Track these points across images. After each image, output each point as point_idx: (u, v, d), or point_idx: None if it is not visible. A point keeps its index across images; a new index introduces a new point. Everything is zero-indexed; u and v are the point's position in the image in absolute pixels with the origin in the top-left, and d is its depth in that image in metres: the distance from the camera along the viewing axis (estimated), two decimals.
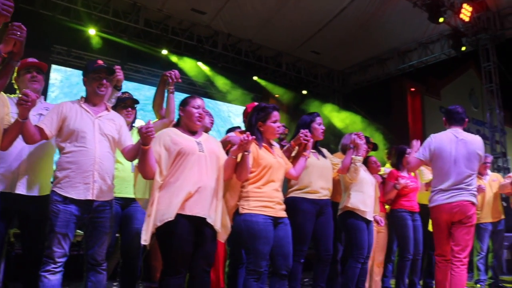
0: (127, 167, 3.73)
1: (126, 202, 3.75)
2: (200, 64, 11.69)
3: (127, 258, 3.80)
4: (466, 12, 10.67)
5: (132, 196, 3.63)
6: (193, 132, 3.22)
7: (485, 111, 12.04)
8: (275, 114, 3.50)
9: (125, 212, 3.76)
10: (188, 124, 3.21)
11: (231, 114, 12.82)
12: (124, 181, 3.71)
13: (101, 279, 3.18)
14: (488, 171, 6.61)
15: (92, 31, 9.91)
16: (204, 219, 2.97)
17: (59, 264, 2.98)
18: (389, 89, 15.44)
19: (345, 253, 4.79)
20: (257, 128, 3.47)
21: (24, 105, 2.77)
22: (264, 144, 3.45)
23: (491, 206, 6.33)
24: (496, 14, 11.30)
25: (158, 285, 2.97)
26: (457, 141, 4.07)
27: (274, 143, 3.69)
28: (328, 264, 4.08)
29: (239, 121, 12.06)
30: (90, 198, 3.06)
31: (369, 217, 4.41)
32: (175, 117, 3.55)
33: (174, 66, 10.95)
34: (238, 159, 3.20)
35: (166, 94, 3.66)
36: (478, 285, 6.17)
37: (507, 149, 11.46)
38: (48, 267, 2.96)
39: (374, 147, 5.20)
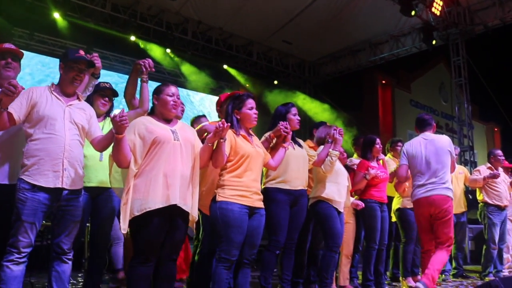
0: (95, 156, 3.67)
1: (95, 192, 3.69)
2: (169, 51, 11.43)
3: (95, 248, 3.76)
4: (437, 6, 10.76)
5: (101, 185, 3.65)
6: (167, 120, 3.20)
7: (454, 105, 12.17)
8: (251, 102, 3.53)
9: (94, 201, 3.71)
10: (163, 112, 3.18)
11: (200, 102, 12.64)
12: (92, 169, 3.65)
13: (66, 269, 3.13)
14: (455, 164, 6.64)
15: (56, 15, 9.55)
16: (178, 207, 2.99)
17: (23, 254, 2.94)
18: (360, 81, 15.57)
19: (313, 244, 4.75)
20: (234, 116, 3.48)
21: (10, 95, 2.75)
22: (242, 133, 3.46)
23: (456, 199, 6.35)
24: (467, 10, 11.42)
25: (127, 273, 2.98)
26: (426, 143, 4.60)
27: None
28: (292, 252, 4.07)
29: (208, 110, 11.93)
30: (59, 186, 3.01)
31: (341, 208, 4.41)
32: (149, 106, 3.54)
33: (143, 52, 10.71)
34: (214, 147, 3.21)
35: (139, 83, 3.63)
36: (443, 275, 6.21)
37: (474, 143, 11.63)
38: (12, 257, 2.91)
39: None
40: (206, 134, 3.62)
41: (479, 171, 6.43)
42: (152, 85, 3.39)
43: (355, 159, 5.45)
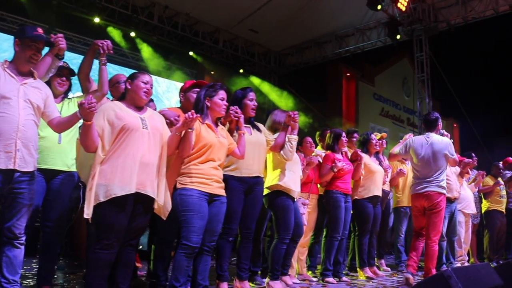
0: (51, 137, 3.57)
1: (51, 174, 3.60)
2: (133, 35, 11.19)
3: (48, 233, 3.64)
4: (403, 2, 10.94)
5: (57, 168, 3.58)
6: (138, 108, 3.19)
7: (416, 100, 12.42)
8: (222, 93, 3.56)
9: (50, 184, 3.61)
10: (135, 98, 3.17)
11: (164, 88, 12.48)
12: (49, 152, 3.56)
13: (18, 254, 3.05)
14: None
15: None
16: (145, 195, 3.01)
17: None
18: (325, 73, 15.69)
19: (270, 232, 4.78)
20: (205, 103, 3.50)
21: None
22: (207, 122, 3.46)
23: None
24: (431, 7, 11.66)
25: (88, 257, 2.96)
26: (426, 145, 5.01)
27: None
28: (249, 241, 4.03)
29: (170, 95, 11.80)
30: (11, 167, 2.92)
31: (296, 196, 4.42)
32: (108, 89, 3.54)
33: (107, 35, 10.46)
34: (182, 136, 3.22)
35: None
36: (399, 266, 6.36)
37: None
38: None
39: None
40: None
41: None
42: (115, 69, 3.31)
43: (320, 151, 5.48)
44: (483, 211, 7.68)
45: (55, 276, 4.41)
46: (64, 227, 3.79)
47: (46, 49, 3.29)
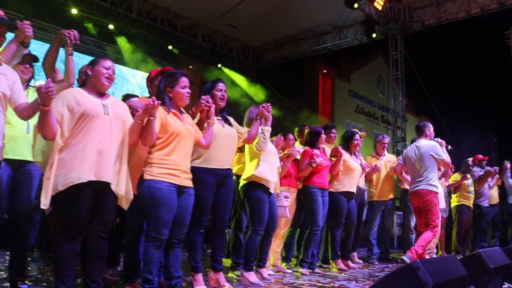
0: (20, 126, 3.48)
1: (18, 164, 3.51)
2: (112, 27, 11.13)
3: (17, 224, 3.56)
4: (379, 1, 11.17)
5: (25, 158, 3.46)
6: (100, 94, 3.08)
7: (390, 98, 12.65)
8: (184, 80, 3.46)
9: (16, 174, 3.51)
10: (96, 84, 3.07)
11: (142, 82, 12.44)
12: (17, 141, 3.48)
13: None
14: (385, 152, 6.95)
15: None
16: (106, 183, 2.90)
17: None
18: (302, 69, 15.82)
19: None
20: (166, 95, 3.41)
21: None
22: (173, 110, 3.38)
23: (384, 185, 6.68)
24: (406, 7, 11.90)
25: (54, 251, 2.86)
26: (416, 149, 5.53)
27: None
28: (224, 234, 4.07)
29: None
30: None
31: (272, 188, 4.45)
32: (75, 80, 3.39)
33: (84, 28, 10.40)
34: (144, 124, 3.12)
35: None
36: (371, 259, 6.51)
37: (407, 135, 12.17)
38: None
39: None
40: (132, 111, 3.44)
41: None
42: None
43: (298, 147, 5.57)
44: (452, 205, 7.94)
45: (29, 268, 4.35)
46: (33, 218, 3.67)
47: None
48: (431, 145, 5.47)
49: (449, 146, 5.85)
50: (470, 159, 8.16)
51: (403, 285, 2.46)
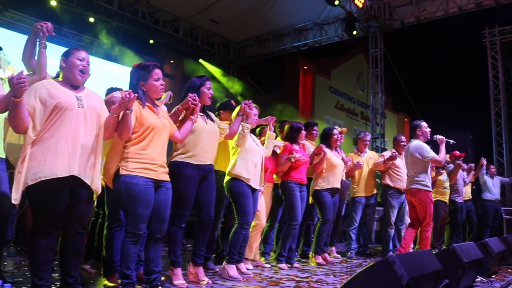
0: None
1: None
2: (92, 20, 11.00)
3: None
4: None
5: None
6: (74, 87, 3.01)
7: (369, 95, 12.78)
8: (157, 72, 3.41)
9: None
10: (69, 76, 3.00)
11: (124, 76, 12.34)
12: None
13: None
14: (367, 149, 7.06)
15: None
16: (80, 179, 2.85)
17: None
18: (283, 65, 15.87)
19: (226, 219, 4.88)
20: (140, 87, 3.36)
21: None
22: (148, 104, 3.35)
23: (366, 182, 6.79)
24: (386, 5, 12.04)
25: (29, 246, 2.82)
26: (407, 150, 5.82)
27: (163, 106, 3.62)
28: (209, 229, 4.07)
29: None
30: None
31: (254, 185, 4.46)
32: (46, 73, 3.31)
33: (63, 19, 10.27)
34: (120, 118, 3.08)
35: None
36: (349, 252, 6.60)
37: (386, 131, 12.32)
38: None
39: None
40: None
41: (383, 156, 6.86)
42: None
43: (279, 142, 5.61)
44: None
45: (5, 263, 4.32)
46: (7, 212, 3.50)
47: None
48: (416, 146, 5.64)
49: (451, 141, 5.98)
50: (447, 155, 8.29)
51: (380, 279, 2.51)
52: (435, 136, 5.68)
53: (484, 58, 12.77)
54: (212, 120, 4.11)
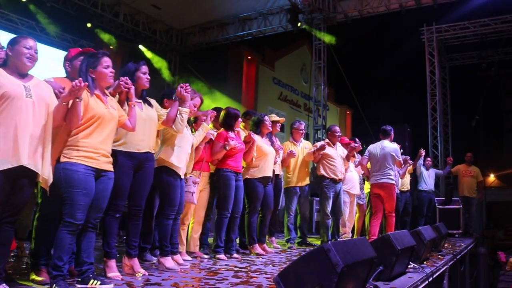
0: None
1: None
2: (25, 0, 10.44)
3: None
4: None
5: None
6: (22, 75, 2.96)
7: (312, 87, 12.90)
8: (106, 60, 3.38)
9: None
10: (17, 64, 2.95)
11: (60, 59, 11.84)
12: None
13: None
14: (302, 139, 7.04)
15: None
16: (26, 168, 2.81)
17: None
18: (227, 54, 15.77)
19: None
20: (89, 76, 3.29)
21: None
22: (96, 93, 3.29)
23: (301, 171, 6.77)
24: None
25: None
26: (381, 148, 6.77)
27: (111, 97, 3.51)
28: (139, 218, 3.95)
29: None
30: None
31: (182, 173, 4.37)
32: None
33: None
34: (69, 106, 3.03)
35: None
36: (289, 244, 6.61)
37: (327, 123, 12.48)
38: None
39: None
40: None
41: (316, 146, 6.88)
42: (5, 35, 3.07)
43: (212, 130, 5.49)
44: (365, 192, 8.22)
45: None
46: None
47: None
48: (394, 148, 6.75)
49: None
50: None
51: (316, 267, 2.53)
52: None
53: (422, 54, 13.19)
54: (150, 105, 3.98)
